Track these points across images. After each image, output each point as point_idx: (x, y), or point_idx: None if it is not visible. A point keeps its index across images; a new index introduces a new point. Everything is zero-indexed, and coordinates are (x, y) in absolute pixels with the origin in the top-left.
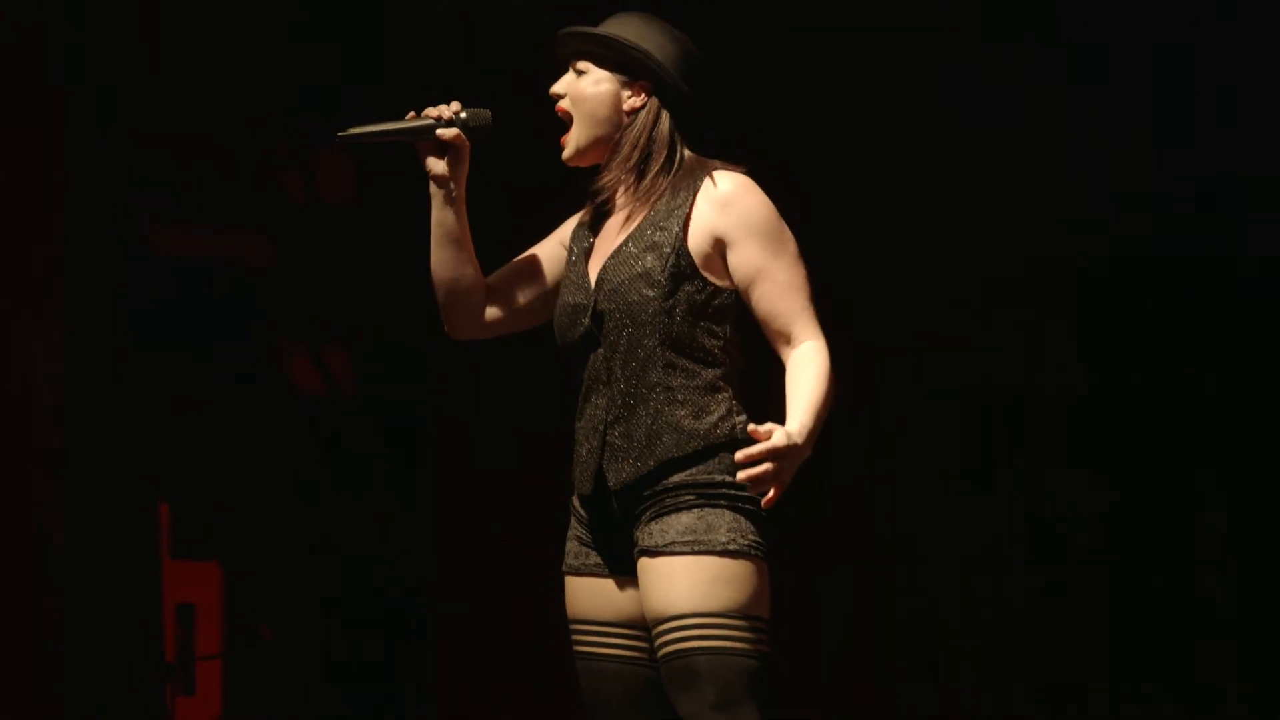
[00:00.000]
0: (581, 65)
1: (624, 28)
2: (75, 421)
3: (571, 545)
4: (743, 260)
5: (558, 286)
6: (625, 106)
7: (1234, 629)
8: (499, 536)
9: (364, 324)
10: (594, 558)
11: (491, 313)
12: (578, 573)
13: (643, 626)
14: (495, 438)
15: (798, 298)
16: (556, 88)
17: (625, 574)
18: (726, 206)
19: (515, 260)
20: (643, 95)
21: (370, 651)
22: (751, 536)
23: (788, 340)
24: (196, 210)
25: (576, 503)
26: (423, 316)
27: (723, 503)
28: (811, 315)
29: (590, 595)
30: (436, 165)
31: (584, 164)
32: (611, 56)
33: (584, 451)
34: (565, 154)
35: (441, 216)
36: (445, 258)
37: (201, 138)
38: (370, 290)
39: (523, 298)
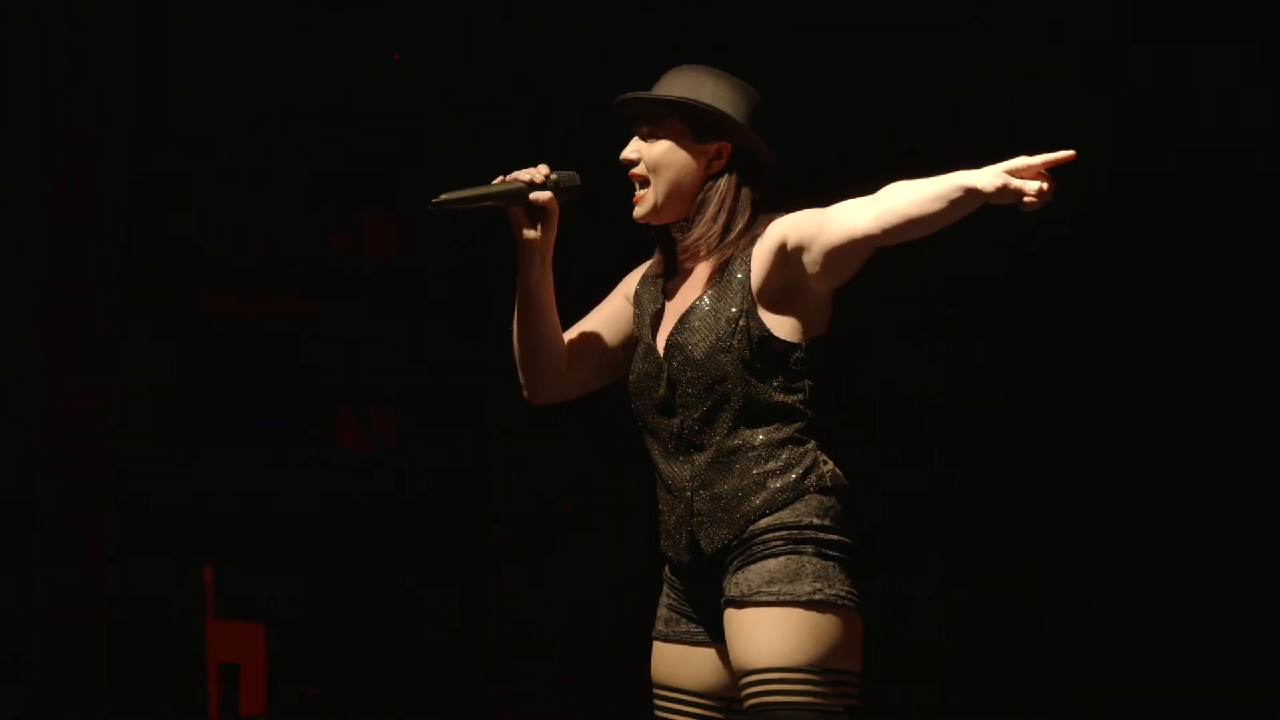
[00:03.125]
0: (660, 128)
1: (694, 87)
2: (120, 483)
3: (662, 611)
4: (802, 237)
5: (627, 344)
6: (709, 170)
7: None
8: (554, 600)
9: (410, 383)
10: (684, 625)
11: (571, 376)
12: (666, 639)
13: (723, 697)
14: (548, 503)
15: (850, 201)
16: (628, 153)
17: (712, 642)
18: (770, 235)
19: (584, 321)
20: (724, 157)
21: (417, 709)
22: (840, 585)
23: (858, 213)
24: (243, 271)
25: (668, 570)
26: (469, 375)
27: (809, 548)
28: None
29: (675, 662)
30: (529, 230)
31: (660, 221)
32: (689, 118)
33: (672, 521)
34: (640, 212)
35: (531, 281)
36: (533, 323)
37: (249, 199)
38: (417, 349)
39: (597, 359)
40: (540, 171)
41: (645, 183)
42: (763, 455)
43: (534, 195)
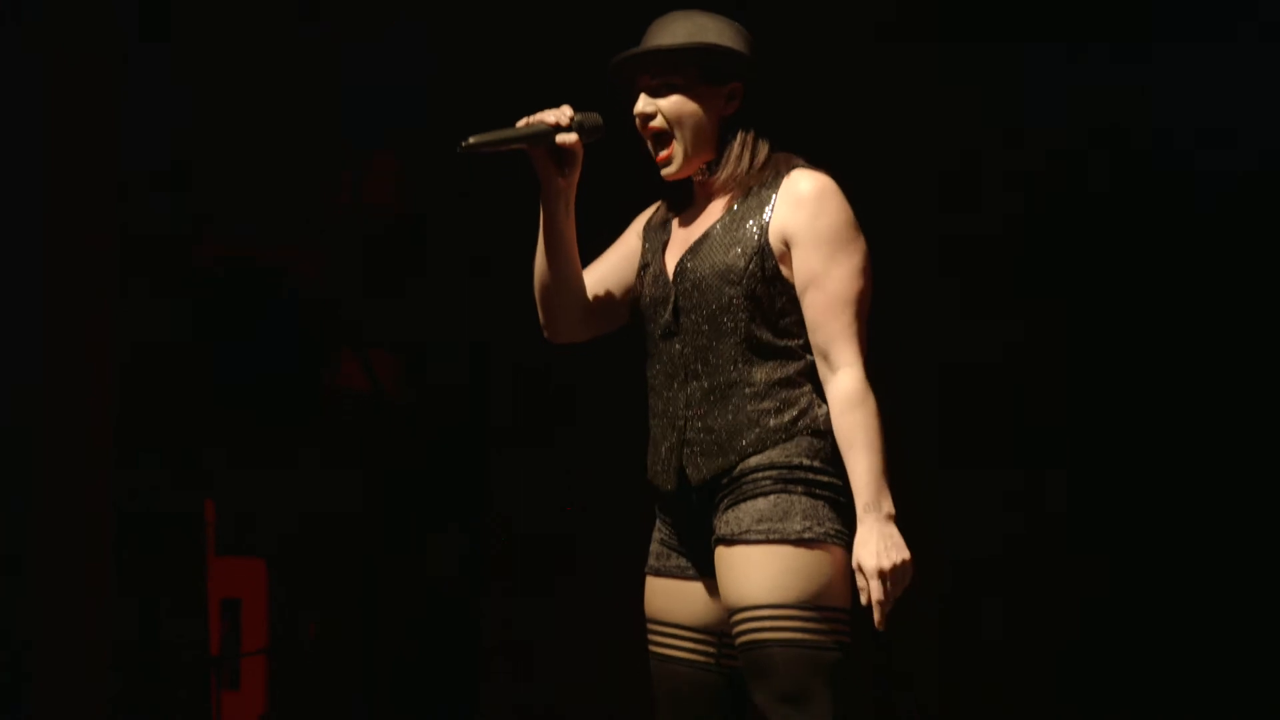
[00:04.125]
0: (668, 79)
1: (697, 31)
2: (123, 420)
3: (654, 546)
4: (801, 264)
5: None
6: (725, 112)
7: None
8: (552, 528)
9: (412, 326)
10: (675, 560)
11: (589, 314)
12: (658, 574)
13: (715, 632)
14: (549, 435)
15: (843, 314)
16: (643, 107)
17: (704, 577)
18: (799, 207)
19: (601, 259)
20: (738, 97)
21: (418, 649)
22: (829, 524)
23: (825, 359)
24: (246, 215)
25: (659, 506)
26: (470, 318)
27: (799, 488)
28: (852, 337)
29: (667, 597)
30: (554, 172)
31: (686, 175)
32: (698, 64)
33: (663, 448)
34: (670, 170)
35: (554, 222)
36: (554, 263)
37: (249, 143)
38: (418, 292)
39: (615, 297)
40: (565, 113)
41: (665, 137)
42: (760, 393)
43: (560, 138)
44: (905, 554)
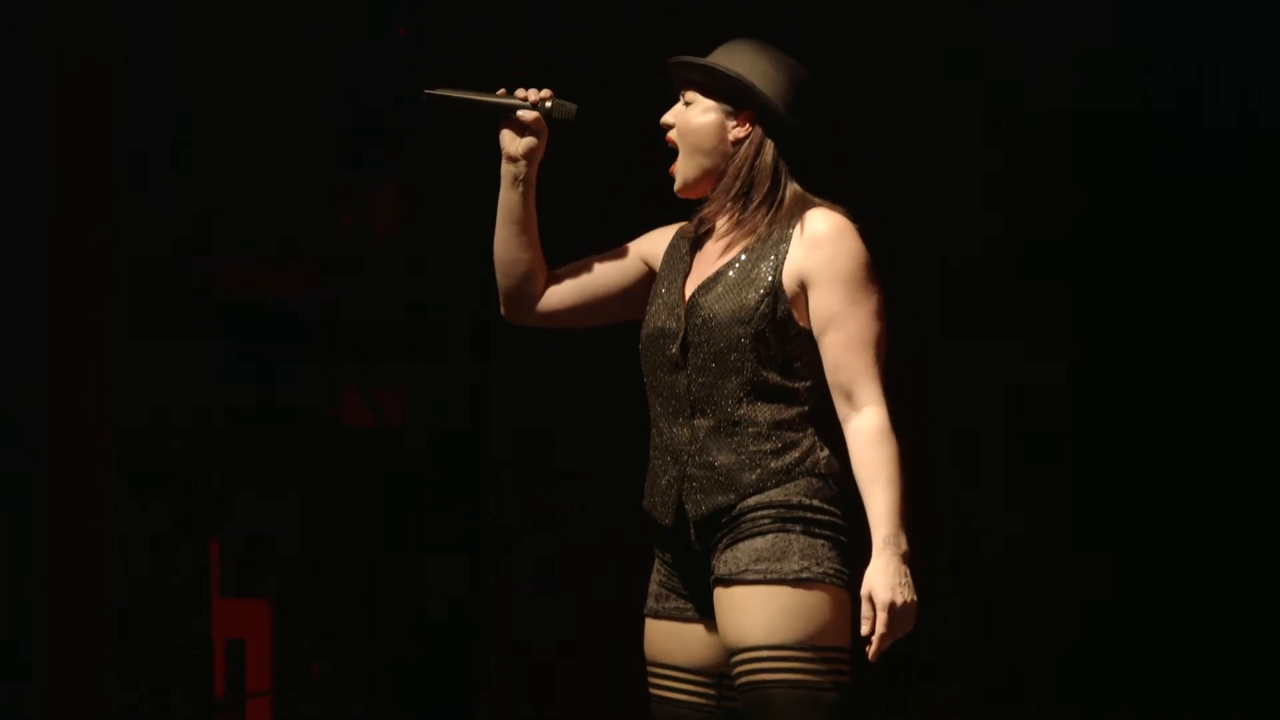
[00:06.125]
0: (689, 95)
1: (731, 56)
2: (125, 458)
3: (653, 588)
4: (820, 304)
5: (626, 294)
6: (730, 137)
7: None
8: (556, 574)
9: (417, 361)
10: (674, 601)
11: (550, 303)
12: (656, 615)
13: (715, 673)
14: (553, 477)
15: (865, 354)
16: (667, 117)
17: (702, 618)
18: (816, 247)
19: (589, 258)
20: (746, 125)
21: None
22: (828, 564)
23: (847, 398)
24: (250, 247)
25: (657, 546)
26: (475, 351)
27: (797, 527)
28: (875, 377)
29: (666, 639)
30: (512, 144)
31: (694, 195)
32: (716, 86)
33: (663, 481)
34: (676, 186)
35: (508, 197)
36: (506, 238)
37: (255, 175)
38: (423, 328)
39: (586, 296)
40: (541, 94)
41: (675, 151)
42: (764, 433)
43: (521, 113)
44: (914, 596)
